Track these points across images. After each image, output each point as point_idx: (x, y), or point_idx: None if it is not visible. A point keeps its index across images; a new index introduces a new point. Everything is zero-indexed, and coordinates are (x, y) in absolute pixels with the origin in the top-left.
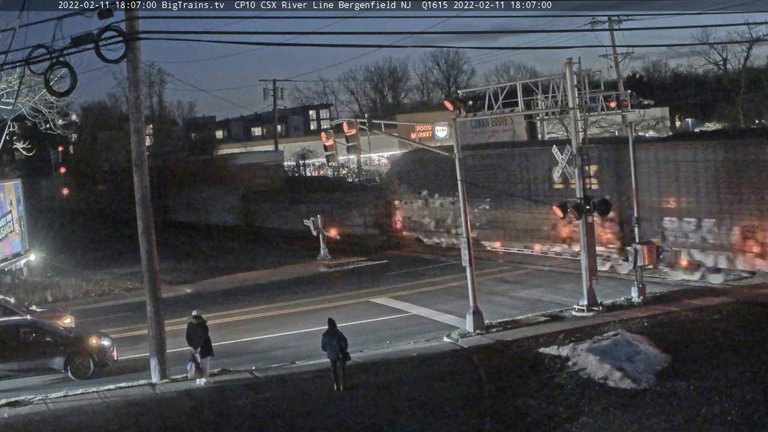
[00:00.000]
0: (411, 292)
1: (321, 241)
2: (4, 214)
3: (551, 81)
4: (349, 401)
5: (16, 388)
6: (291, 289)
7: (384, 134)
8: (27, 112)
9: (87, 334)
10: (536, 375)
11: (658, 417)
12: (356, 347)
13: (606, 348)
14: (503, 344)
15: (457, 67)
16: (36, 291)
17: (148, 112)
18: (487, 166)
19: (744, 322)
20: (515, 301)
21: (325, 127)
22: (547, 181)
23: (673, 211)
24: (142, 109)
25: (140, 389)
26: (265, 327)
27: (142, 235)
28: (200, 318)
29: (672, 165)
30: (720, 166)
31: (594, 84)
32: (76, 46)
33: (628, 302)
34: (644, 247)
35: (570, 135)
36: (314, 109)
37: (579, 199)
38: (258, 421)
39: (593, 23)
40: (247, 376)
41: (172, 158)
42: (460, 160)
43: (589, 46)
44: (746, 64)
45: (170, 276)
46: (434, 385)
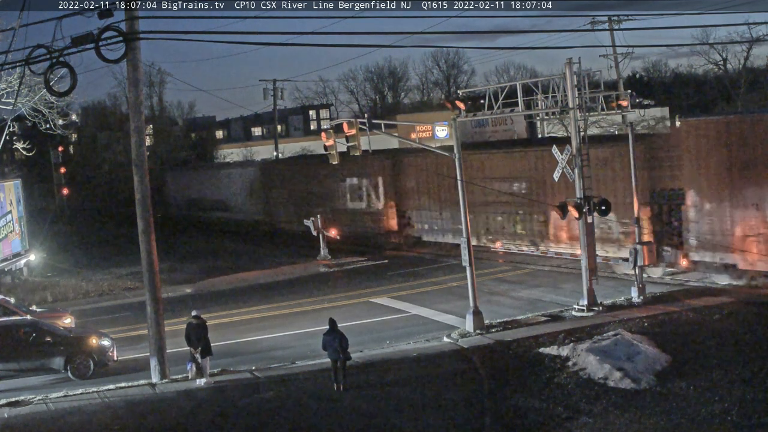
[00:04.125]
0: (411, 292)
1: (321, 241)
2: (4, 214)
3: (551, 81)
4: (349, 401)
5: (16, 388)
6: (291, 289)
7: (384, 134)
8: (27, 112)
9: (87, 334)
10: (536, 375)
11: (658, 417)
12: (356, 347)
13: (606, 348)
14: (503, 344)
15: (457, 67)
16: (36, 291)
17: (148, 112)
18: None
19: (744, 322)
20: (515, 301)
21: (325, 127)
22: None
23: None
24: (142, 109)
25: (140, 389)
26: (265, 327)
27: (142, 235)
28: (200, 318)
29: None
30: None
31: (594, 84)
32: (76, 46)
33: (628, 302)
34: (644, 247)
35: (570, 135)
36: (314, 109)
37: (579, 199)
38: (258, 421)
39: (593, 23)
40: (247, 376)
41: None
42: (460, 160)
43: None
44: (746, 64)
45: (170, 276)
46: (434, 385)
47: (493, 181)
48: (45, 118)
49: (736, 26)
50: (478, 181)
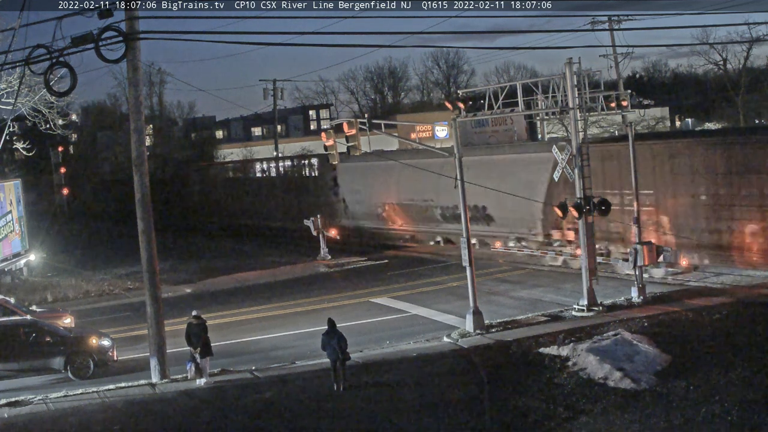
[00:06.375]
0: (411, 292)
1: (321, 241)
2: (4, 214)
3: (551, 81)
4: (349, 401)
5: (16, 388)
6: (291, 289)
7: (384, 134)
8: (27, 112)
9: (87, 334)
10: (536, 375)
11: (658, 417)
12: (356, 347)
13: (606, 348)
14: (503, 344)
15: (457, 67)
16: (36, 291)
17: (148, 112)
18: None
19: (744, 322)
20: (515, 301)
21: (325, 127)
22: None
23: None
24: (142, 109)
25: (140, 389)
26: (265, 327)
27: (142, 235)
28: (200, 318)
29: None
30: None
31: (594, 84)
32: (76, 46)
33: (628, 302)
34: (644, 247)
35: (570, 135)
36: (314, 109)
37: (579, 199)
38: (258, 421)
39: (593, 23)
40: (247, 376)
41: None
42: (460, 159)
43: (589, 46)
44: (746, 64)
45: (170, 276)
46: (434, 385)
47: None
48: (45, 118)
49: (736, 26)
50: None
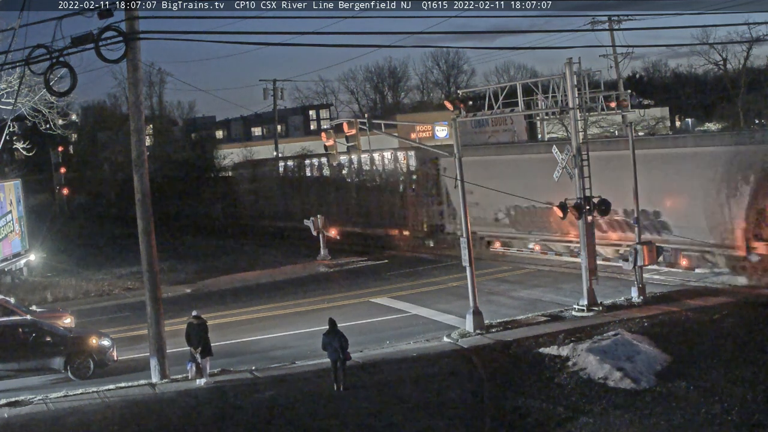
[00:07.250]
0: (411, 292)
1: (321, 241)
2: (4, 214)
3: (551, 81)
4: (349, 401)
5: (16, 388)
6: (291, 289)
7: (384, 134)
8: (27, 112)
9: (87, 334)
10: (536, 375)
11: (658, 417)
12: (356, 347)
13: (606, 348)
14: (503, 344)
15: (457, 67)
16: (36, 291)
17: (148, 112)
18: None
19: (744, 322)
20: (515, 301)
21: (325, 127)
22: None
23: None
24: (142, 109)
25: (140, 389)
26: (265, 327)
27: (142, 235)
28: (200, 318)
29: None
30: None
31: (594, 84)
32: (76, 46)
33: (628, 302)
34: (644, 247)
35: (570, 135)
36: (314, 109)
37: (579, 199)
38: (258, 421)
39: (593, 23)
40: (247, 376)
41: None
42: (460, 159)
43: (589, 46)
44: (746, 64)
45: (170, 276)
46: (434, 385)
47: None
48: (45, 118)
49: (736, 26)
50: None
